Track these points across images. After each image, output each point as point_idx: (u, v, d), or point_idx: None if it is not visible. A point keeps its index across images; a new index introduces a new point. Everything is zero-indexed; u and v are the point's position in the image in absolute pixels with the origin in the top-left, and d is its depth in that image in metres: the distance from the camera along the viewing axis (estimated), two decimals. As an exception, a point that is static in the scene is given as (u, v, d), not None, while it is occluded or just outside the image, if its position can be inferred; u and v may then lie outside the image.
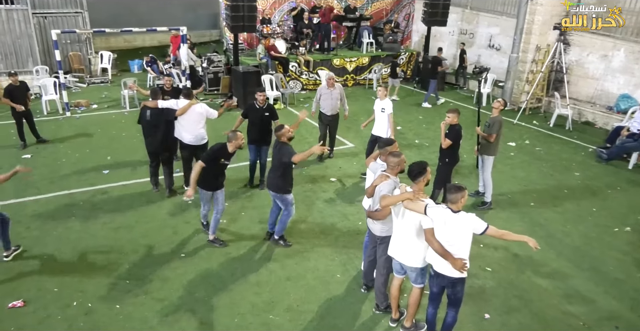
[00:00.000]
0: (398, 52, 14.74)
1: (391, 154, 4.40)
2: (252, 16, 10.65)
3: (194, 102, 6.72)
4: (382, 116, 7.56)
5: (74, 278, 5.15)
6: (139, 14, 18.81)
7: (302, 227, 6.35)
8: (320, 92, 8.28)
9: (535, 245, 3.88)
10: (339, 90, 8.28)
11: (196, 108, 6.72)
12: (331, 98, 8.19)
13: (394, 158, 4.32)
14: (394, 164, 4.32)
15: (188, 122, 6.73)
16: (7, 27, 12.10)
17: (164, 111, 6.64)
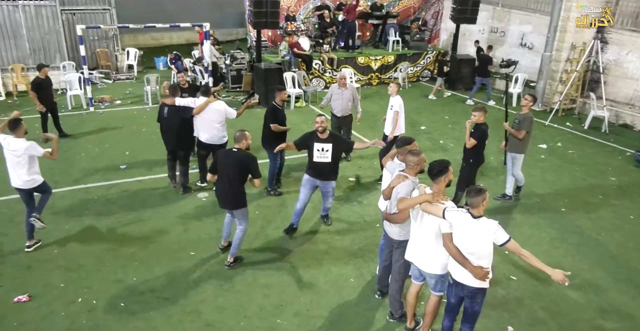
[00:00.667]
0: (425, 51, 14.35)
1: (410, 153, 4.11)
2: (274, 12, 10.49)
3: (211, 99, 6.55)
4: (390, 113, 7.28)
5: (81, 274, 5.05)
6: (166, 12, 18.97)
7: (317, 228, 6.11)
8: (332, 92, 7.86)
9: (563, 280, 3.37)
10: (350, 91, 7.80)
11: (214, 106, 6.54)
12: (342, 98, 7.70)
13: (413, 158, 4.03)
14: (413, 163, 4.03)
15: (205, 120, 6.56)
16: (35, 22, 12.30)
17: (180, 109, 6.49)
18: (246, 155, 4.93)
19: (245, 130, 4.99)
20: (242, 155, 4.90)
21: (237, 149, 4.91)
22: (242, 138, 4.93)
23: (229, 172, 4.89)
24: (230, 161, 4.88)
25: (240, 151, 4.90)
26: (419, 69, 14.51)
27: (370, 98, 12.62)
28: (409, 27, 14.92)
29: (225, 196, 5.01)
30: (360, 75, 13.53)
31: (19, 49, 12.35)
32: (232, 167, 4.87)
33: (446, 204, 3.63)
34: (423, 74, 14.67)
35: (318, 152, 5.48)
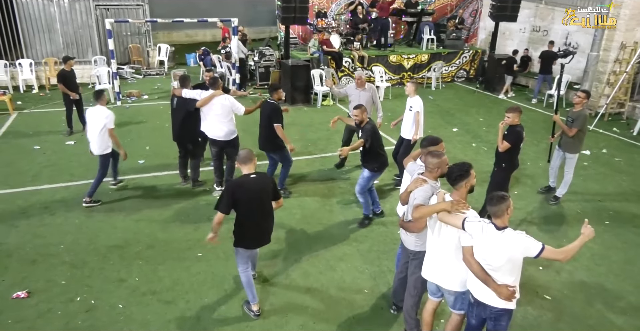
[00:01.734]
0: (461, 50, 13.72)
1: (430, 154, 3.67)
2: (303, 7, 10.18)
3: (217, 93, 6.23)
4: (409, 115, 6.82)
5: (84, 272, 4.86)
6: (199, 9, 18.99)
7: (333, 232, 5.73)
8: (349, 91, 7.17)
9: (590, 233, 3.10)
10: (370, 92, 7.07)
11: (220, 101, 6.22)
12: (359, 100, 6.81)
13: (433, 159, 3.60)
14: (432, 166, 3.61)
15: (210, 114, 6.27)
16: (69, 17, 12.45)
17: (187, 101, 6.27)
18: (267, 176, 4.33)
19: (247, 149, 4.16)
20: (264, 177, 4.19)
21: (255, 173, 4.03)
22: (251, 158, 4.04)
23: (262, 201, 4.05)
24: (257, 189, 4.00)
25: (259, 174, 4.08)
26: (454, 68, 13.89)
27: (402, 98, 11.98)
28: (444, 26, 14.33)
29: (264, 231, 4.22)
30: (391, 74, 13.05)
31: (53, 43, 12.53)
32: (262, 195, 4.04)
33: (467, 214, 3.19)
34: (458, 74, 14.04)
35: None
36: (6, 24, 11.95)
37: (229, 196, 3.90)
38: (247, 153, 4.04)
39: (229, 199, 3.90)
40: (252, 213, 4.02)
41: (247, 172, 3.99)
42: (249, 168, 4.00)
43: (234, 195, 3.91)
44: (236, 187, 3.97)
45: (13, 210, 6.10)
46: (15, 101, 10.89)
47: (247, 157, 4.00)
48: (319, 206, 6.36)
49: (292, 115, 10.52)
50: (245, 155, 4.03)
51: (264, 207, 4.10)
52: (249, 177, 3.99)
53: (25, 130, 9.16)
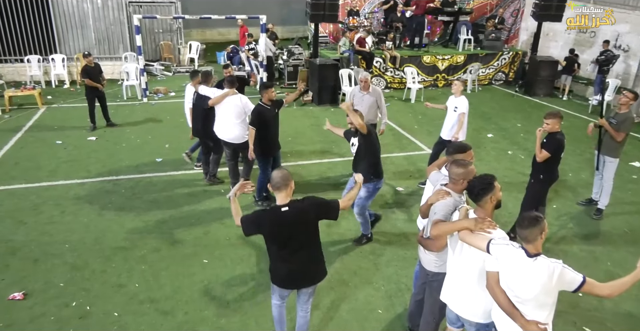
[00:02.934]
0: (500, 51, 13.01)
1: (455, 163, 3.21)
2: (333, 5, 9.82)
3: (229, 92, 5.91)
4: (452, 116, 6.42)
5: (84, 274, 4.65)
6: (233, 7, 18.88)
7: (349, 242, 5.32)
8: (353, 94, 6.59)
9: None
10: (374, 96, 6.40)
11: (233, 101, 5.91)
12: (363, 104, 6.27)
13: (458, 169, 3.15)
14: (457, 177, 3.15)
15: (222, 115, 5.98)
16: (102, 13, 12.53)
17: (202, 97, 6.06)
18: (308, 204, 3.19)
19: (282, 169, 3.28)
20: (302, 207, 3.15)
21: (290, 205, 3.12)
22: (285, 183, 3.10)
23: (294, 238, 3.18)
24: (288, 225, 3.13)
25: (295, 205, 3.13)
26: (492, 71, 13.19)
27: (434, 100, 11.43)
28: (483, 26, 13.65)
29: (301, 271, 3.34)
30: (424, 76, 12.50)
31: (85, 39, 12.64)
32: (294, 231, 3.16)
33: (493, 233, 2.73)
34: (496, 77, 13.32)
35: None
36: (41, 20, 12.11)
37: (252, 227, 3.19)
38: (280, 176, 3.09)
39: (252, 229, 3.21)
40: (282, 252, 3.23)
41: (281, 201, 3.12)
42: (283, 196, 3.11)
43: (258, 228, 3.18)
44: (261, 220, 3.15)
45: (25, 206, 5.99)
46: (45, 96, 11.02)
47: (281, 181, 3.08)
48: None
49: (317, 116, 10.20)
50: (278, 178, 3.09)
51: (300, 244, 3.21)
52: (280, 210, 3.09)
53: (51, 124, 9.18)
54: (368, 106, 6.30)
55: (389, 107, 10.78)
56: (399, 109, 10.69)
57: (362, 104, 6.29)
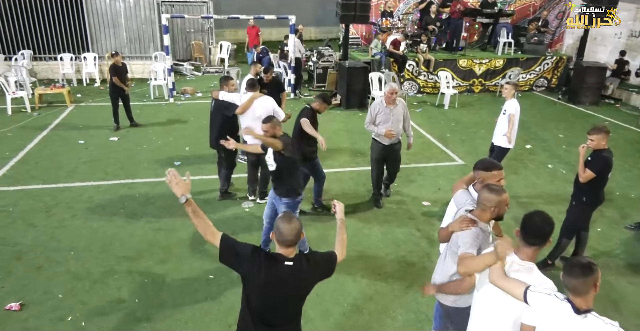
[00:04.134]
0: (542, 56, 12.25)
1: (487, 188, 2.76)
2: (365, 5, 9.41)
3: (256, 95, 5.62)
4: (502, 119, 6.13)
5: (84, 285, 4.44)
6: (268, 7, 18.82)
7: (368, 262, 4.91)
8: (376, 110, 5.62)
9: None
10: (401, 108, 5.65)
11: (262, 103, 5.61)
12: (391, 119, 5.56)
13: (490, 195, 2.70)
14: (488, 204, 2.71)
15: (250, 119, 5.62)
16: (133, 12, 12.54)
17: (223, 104, 5.68)
18: (316, 259, 2.57)
19: (296, 219, 2.49)
20: (308, 268, 2.48)
21: (295, 259, 2.46)
22: (298, 239, 2.46)
23: (282, 302, 2.51)
24: (283, 283, 2.45)
25: (300, 261, 2.46)
26: (533, 76, 12.44)
27: (470, 107, 10.99)
28: (525, 28, 12.89)
29: None
30: (459, 80, 11.90)
31: (117, 38, 12.69)
32: (288, 293, 2.50)
33: (531, 277, 2.29)
34: (538, 83, 12.56)
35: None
36: (75, 18, 12.23)
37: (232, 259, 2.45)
38: (292, 230, 2.40)
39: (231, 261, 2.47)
40: (262, 313, 2.50)
41: (285, 253, 2.45)
42: (288, 252, 2.45)
43: (240, 265, 2.45)
44: (250, 260, 2.42)
45: (38, 207, 5.88)
46: (75, 94, 11.09)
47: (293, 238, 2.42)
48: (356, 229, 5.56)
49: (344, 120, 9.82)
50: (289, 233, 2.40)
51: (285, 309, 2.54)
52: (283, 263, 2.42)
53: (77, 123, 9.18)
54: (397, 121, 5.61)
55: (421, 113, 10.30)
56: (430, 115, 10.17)
57: (390, 119, 5.55)
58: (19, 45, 12.20)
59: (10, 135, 8.46)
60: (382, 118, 5.56)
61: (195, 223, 2.45)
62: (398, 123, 5.62)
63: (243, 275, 2.47)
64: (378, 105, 5.60)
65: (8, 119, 9.30)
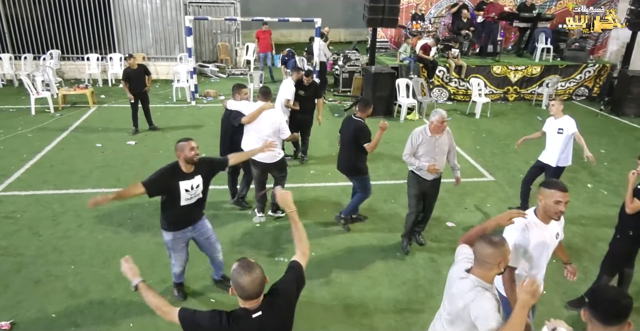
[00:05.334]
0: (584, 63, 11.51)
1: (485, 241, 2.35)
2: (393, 8, 8.96)
3: (266, 106, 5.23)
4: (556, 139, 5.53)
5: (80, 304, 4.21)
6: (297, 9, 18.62)
7: (380, 293, 4.52)
8: (419, 140, 4.72)
9: None
10: (447, 138, 4.80)
11: (270, 116, 5.24)
12: (436, 150, 4.74)
13: (493, 250, 2.31)
14: (493, 261, 2.32)
15: (255, 131, 5.27)
16: (160, 13, 12.47)
17: (232, 114, 5.38)
18: (283, 295, 2.32)
19: (246, 261, 2.22)
20: (281, 304, 2.28)
21: (263, 308, 2.20)
22: (261, 290, 2.19)
23: None
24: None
25: (269, 307, 2.22)
26: (573, 85, 11.71)
27: (503, 116, 10.40)
28: (565, 33, 12.18)
29: None
30: (493, 88, 11.30)
31: (143, 39, 12.66)
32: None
33: None
34: (578, 92, 11.82)
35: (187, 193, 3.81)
36: (102, 18, 12.25)
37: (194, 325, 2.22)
38: (253, 282, 2.12)
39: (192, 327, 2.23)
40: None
41: (249, 305, 2.18)
42: (252, 303, 2.18)
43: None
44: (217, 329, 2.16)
45: (46, 215, 5.74)
46: (99, 94, 11.08)
47: (254, 291, 2.14)
48: (366, 244, 5.16)
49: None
50: (249, 287, 2.12)
51: None
52: (251, 317, 2.16)
53: (97, 125, 9.10)
54: (443, 153, 4.80)
55: (450, 123, 9.71)
56: (460, 125, 9.64)
57: (434, 150, 4.73)
58: (48, 45, 12.31)
59: (30, 136, 8.44)
60: (425, 150, 4.73)
61: (148, 302, 2.41)
62: (443, 156, 4.81)
63: None
64: (421, 134, 4.72)
65: (31, 119, 9.31)
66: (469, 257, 2.53)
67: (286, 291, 2.33)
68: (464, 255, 2.58)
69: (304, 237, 2.60)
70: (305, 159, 7.56)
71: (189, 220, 3.99)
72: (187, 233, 4.02)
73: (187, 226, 3.98)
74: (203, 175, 3.87)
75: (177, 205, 3.77)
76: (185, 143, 3.71)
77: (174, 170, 3.75)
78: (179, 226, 3.94)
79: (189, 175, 3.77)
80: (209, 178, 3.97)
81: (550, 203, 2.83)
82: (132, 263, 2.56)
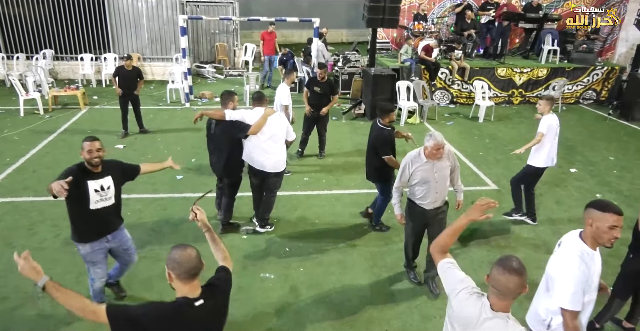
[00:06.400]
0: (592, 65, 11.12)
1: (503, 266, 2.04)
2: (394, 8, 8.61)
3: (269, 111, 4.88)
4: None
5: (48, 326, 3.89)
6: (299, 9, 18.31)
7: (372, 314, 4.18)
8: (412, 167, 4.03)
9: None
10: (448, 160, 4.08)
11: (275, 121, 4.89)
12: (435, 176, 4.01)
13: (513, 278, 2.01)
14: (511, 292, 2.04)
15: (261, 139, 4.89)
16: (155, 13, 12.18)
17: (234, 125, 4.81)
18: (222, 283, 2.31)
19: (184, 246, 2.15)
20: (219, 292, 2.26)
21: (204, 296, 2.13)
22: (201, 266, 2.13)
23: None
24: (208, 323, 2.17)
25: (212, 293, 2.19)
26: (580, 88, 11.32)
27: (507, 120, 10.03)
28: (573, 35, 11.79)
29: None
30: (497, 91, 10.94)
31: (138, 39, 12.37)
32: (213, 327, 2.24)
33: None
34: (585, 95, 11.43)
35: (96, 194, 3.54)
36: (96, 18, 11.97)
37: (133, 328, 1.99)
38: (193, 257, 2.08)
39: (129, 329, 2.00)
40: None
41: (190, 293, 2.09)
42: (193, 286, 2.11)
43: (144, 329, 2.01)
44: (155, 318, 2.02)
45: (22, 224, 5.44)
46: (92, 95, 10.80)
47: (197, 266, 2.09)
48: (361, 268, 4.82)
49: (366, 133, 8.94)
50: (189, 261, 2.06)
51: None
52: (193, 306, 2.08)
53: (86, 127, 8.80)
54: (444, 178, 4.07)
55: (452, 127, 9.44)
56: (463, 129, 9.29)
57: (433, 177, 4.00)
58: (41, 44, 12.04)
59: (16, 138, 8.16)
60: (422, 177, 4.01)
61: (66, 304, 2.08)
62: (445, 181, 4.08)
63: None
64: (414, 160, 4.02)
65: (19, 121, 9.04)
66: (470, 287, 2.18)
67: (223, 285, 2.30)
68: (464, 284, 2.22)
69: (227, 255, 2.53)
70: (323, 154, 7.59)
71: (105, 227, 3.72)
72: (105, 243, 3.73)
73: (104, 234, 3.70)
74: (114, 177, 3.64)
75: (87, 209, 3.49)
76: (86, 143, 3.46)
77: (80, 169, 3.50)
78: (94, 236, 3.65)
79: (97, 175, 3.53)
80: (119, 182, 3.73)
81: (604, 228, 2.44)
82: (32, 261, 2.19)
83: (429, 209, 4.13)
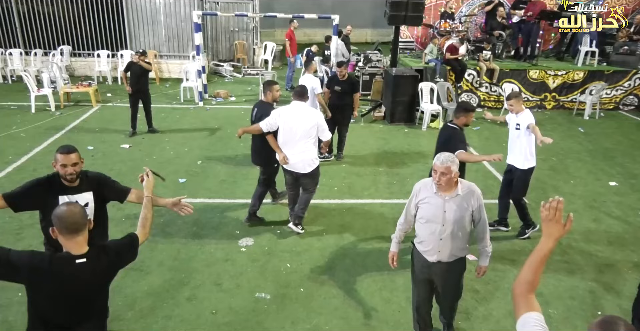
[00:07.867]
0: (634, 69, 10.28)
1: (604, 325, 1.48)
2: (417, 4, 8.06)
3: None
4: (516, 135, 5.03)
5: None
6: (322, 7, 17.94)
7: None
8: (418, 198, 3.12)
9: None
10: (466, 201, 3.02)
11: (307, 116, 4.66)
12: (443, 217, 3.01)
13: None
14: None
15: (292, 135, 4.70)
16: (173, 9, 11.92)
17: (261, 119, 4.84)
18: (115, 249, 2.34)
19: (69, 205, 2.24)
20: (110, 257, 2.28)
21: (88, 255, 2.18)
22: (85, 221, 2.19)
23: (81, 301, 2.26)
24: (76, 284, 2.18)
25: (95, 252, 2.23)
26: (620, 93, 10.49)
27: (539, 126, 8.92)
28: (613, 36, 10.96)
29: None
30: (529, 94, 10.23)
31: (156, 35, 12.14)
32: (84, 291, 2.24)
33: None
34: (626, 101, 10.59)
35: None
36: (114, 14, 11.79)
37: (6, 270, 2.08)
38: (75, 212, 2.14)
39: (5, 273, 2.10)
40: (56, 317, 2.26)
41: (74, 249, 2.15)
42: (79, 241, 2.15)
43: (16, 275, 2.11)
44: (35, 267, 2.09)
45: (11, 228, 5.14)
46: (105, 93, 10.59)
47: (79, 220, 2.13)
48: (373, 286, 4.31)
49: (385, 137, 8.52)
50: (72, 215, 2.11)
51: (84, 308, 2.28)
52: (74, 262, 2.13)
53: (95, 125, 8.56)
54: (458, 223, 3.01)
55: (478, 132, 8.80)
56: (490, 135, 8.66)
57: (442, 219, 3.01)
58: (59, 40, 11.93)
59: (23, 135, 7.96)
60: (425, 212, 3.08)
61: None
62: (457, 228, 3.02)
63: (26, 284, 2.16)
64: (423, 188, 3.11)
65: (29, 118, 8.86)
66: None
67: (117, 251, 2.32)
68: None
69: (148, 224, 2.60)
70: (341, 156, 7.26)
71: None
72: None
73: None
74: (95, 193, 3.01)
75: None
76: (60, 156, 2.85)
77: (50, 182, 2.92)
78: None
79: (72, 189, 2.92)
80: (101, 200, 3.08)
81: None
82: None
83: (431, 261, 3.15)
